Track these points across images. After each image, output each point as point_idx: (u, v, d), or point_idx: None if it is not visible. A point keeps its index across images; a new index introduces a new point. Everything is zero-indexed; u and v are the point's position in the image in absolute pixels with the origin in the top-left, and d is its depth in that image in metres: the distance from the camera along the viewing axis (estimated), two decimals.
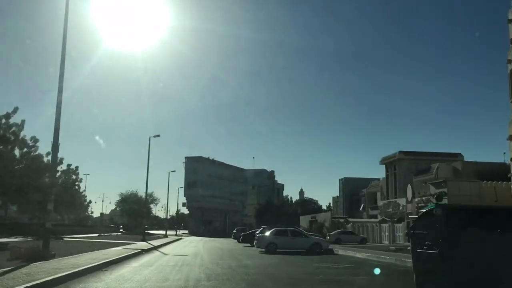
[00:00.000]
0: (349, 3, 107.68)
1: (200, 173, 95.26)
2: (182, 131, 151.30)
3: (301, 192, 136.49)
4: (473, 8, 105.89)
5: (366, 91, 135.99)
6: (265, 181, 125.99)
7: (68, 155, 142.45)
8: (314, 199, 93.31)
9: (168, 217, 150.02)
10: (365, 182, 56.98)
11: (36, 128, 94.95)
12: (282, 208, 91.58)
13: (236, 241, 43.23)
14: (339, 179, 64.87)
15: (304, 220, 66.29)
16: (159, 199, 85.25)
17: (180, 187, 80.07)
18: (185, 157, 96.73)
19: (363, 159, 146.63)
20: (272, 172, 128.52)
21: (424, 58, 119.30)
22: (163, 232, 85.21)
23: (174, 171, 56.57)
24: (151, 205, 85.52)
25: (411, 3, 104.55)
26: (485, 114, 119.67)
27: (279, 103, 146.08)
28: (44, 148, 31.72)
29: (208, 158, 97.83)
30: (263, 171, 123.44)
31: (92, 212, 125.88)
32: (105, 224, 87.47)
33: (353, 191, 60.14)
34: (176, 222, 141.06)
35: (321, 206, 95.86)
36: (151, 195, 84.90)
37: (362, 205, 55.66)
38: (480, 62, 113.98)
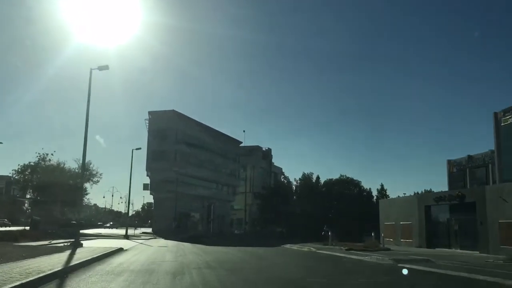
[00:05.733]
0: (349, 2, 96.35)
1: (172, 136, 59.86)
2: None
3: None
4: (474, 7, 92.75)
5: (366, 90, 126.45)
6: (260, 161, 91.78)
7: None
8: (355, 179, 59.57)
9: (132, 211, 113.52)
10: None
11: None
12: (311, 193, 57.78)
13: None
14: (496, 112, 31.08)
15: (400, 210, 32.81)
16: (100, 175, 49.93)
17: (137, 148, 43.81)
18: (149, 112, 61.28)
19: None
20: (269, 150, 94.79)
21: (424, 58, 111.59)
22: (112, 231, 50.40)
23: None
24: (87, 184, 49.63)
25: (411, 2, 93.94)
26: None
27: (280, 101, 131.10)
28: None
29: (184, 115, 62.42)
30: (256, 148, 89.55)
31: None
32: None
33: None
34: (140, 218, 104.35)
35: (368, 189, 62.28)
36: (87, 167, 49.11)
37: None
38: None
